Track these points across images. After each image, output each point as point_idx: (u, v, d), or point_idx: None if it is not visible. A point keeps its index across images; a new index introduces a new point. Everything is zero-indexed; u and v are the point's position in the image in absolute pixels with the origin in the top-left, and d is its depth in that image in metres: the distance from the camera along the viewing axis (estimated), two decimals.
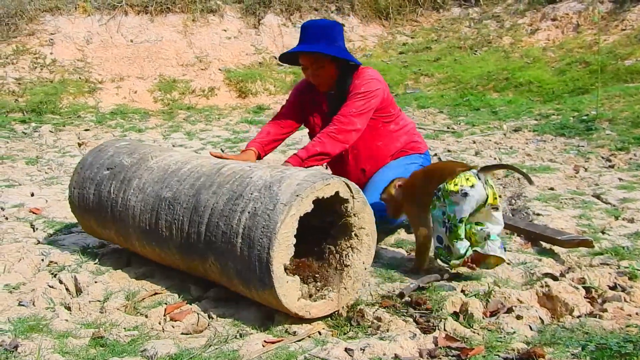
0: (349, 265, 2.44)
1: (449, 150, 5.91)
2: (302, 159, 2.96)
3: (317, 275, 2.50)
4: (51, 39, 11.32)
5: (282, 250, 2.14)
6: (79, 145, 7.05)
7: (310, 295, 2.38)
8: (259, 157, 3.27)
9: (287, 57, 3.29)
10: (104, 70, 10.81)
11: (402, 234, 3.38)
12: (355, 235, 2.44)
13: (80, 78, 10.36)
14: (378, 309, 2.36)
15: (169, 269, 2.81)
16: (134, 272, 2.86)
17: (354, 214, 2.38)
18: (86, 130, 8.11)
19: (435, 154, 5.69)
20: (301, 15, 12.71)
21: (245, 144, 3.67)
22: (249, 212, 2.21)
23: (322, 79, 3.18)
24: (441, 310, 2.32)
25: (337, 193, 2.28)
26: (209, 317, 2.40)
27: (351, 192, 2.33)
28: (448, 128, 7.27)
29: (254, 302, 2.40)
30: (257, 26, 12.47)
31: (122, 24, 11.96)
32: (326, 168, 3.78)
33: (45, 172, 5.55)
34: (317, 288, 2.44)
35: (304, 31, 3.14)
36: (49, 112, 8.98)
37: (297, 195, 2.15)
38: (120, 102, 9.92)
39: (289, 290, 2.19)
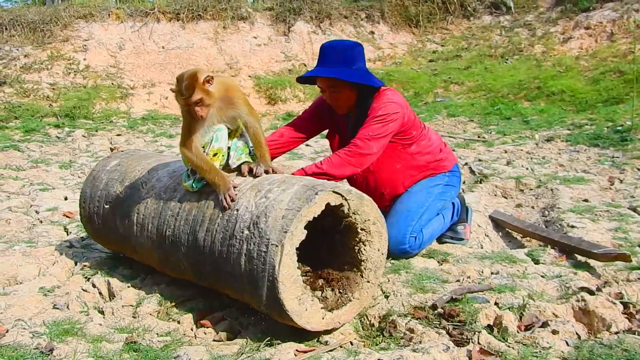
0: (365, 259, 2.42)
1: (480, 160, 5.85)
2: (306, 174, 2.83)
3: (335, 279, 2.48)
4: (85, 45, 11.53)
5: (291, 285, 2.11)
6: (111, 150, 7.14)
7: (336, 302, 2.36)
8: None
9: (305, 78, 3.17)
10: (135, 76, 10.96)
11: (433, 244, 3.35)
12: (362, 229, 2.39)
13: (112, 84, 10.52)
14: (410, 320, 2.34)
15: None
16: (165, 278, 2.88)
17: (353, 213, 2.33)
18: (118, 135, 8.22)
19: (466, 163, 5.64)
20: (331, 22, 12.75)
21: None
22: (245, 255, 2.16)
23: (340, 102, 3.08)
24: (474, 322, 2.29)
25: (327, 204, 2.21)
26: (240, 324, 2.40)
27: (342, 196, 2.26)
28: (479, 137, 7.20)
29: None
30: (287, 33, 12.54)
31: (154, 31, 12.12)
32: None
33: (79, 177, 5.63)
34: (340, 290, 2.42)
35: (323, 53, 3.04)
36: (82, 117, 9.12)
37: (286, 232, 2.08)
38: (151, 107, 10.05)
39: (311, 316, 2.18)
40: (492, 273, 2.85)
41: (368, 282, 2.38)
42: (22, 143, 7.37)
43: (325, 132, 3.44)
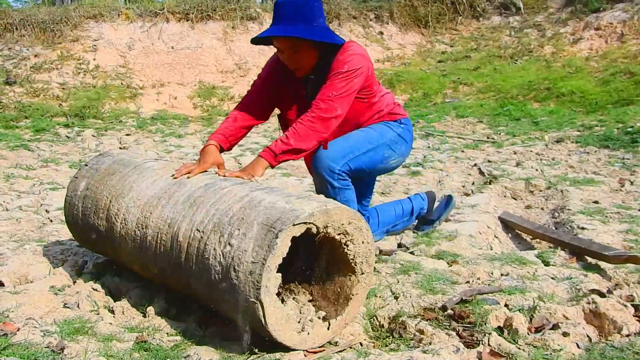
0: (352, 256, 2.27)
1: (489, 161, 5.83)
2: (275, 154, 2.63)
3: (328, 282, 2.40)
4: (94, 45, 11.57)
5: (284, 325, 2.03)
6: (121, 149, 7.17)
7: (335, 305, 2.33)
8: (223, 151, 2.86)
9: (261, 39, 2.81)
10: (145, 76, 11.00)
11: (442, 244, 3.34)
12: (339, 234, 2.21)
13: (122, 84, 10.56)
14: (420, 321, 2.33)
15: None
16: None
17: (324, 228, 2.14)
18: (127, 135, 8.24)
19: (475, 164, 5.62)
20: (340, 23, 12.75)
21: None
22: (232, 304, 2.07)
23: (301, 63, 2.79)
24: (485, 324, 2.28)
25: (293, 238, 2.04)
26: None
27: (305, 223, 2.06)
28: (488, 138, 7.18)
29: None
30: None
31: (163, 31, 12.16)
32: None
33: None
34: (337, 291, 2.36)
35: (278, 9, 2.70)
36: (91, 116, 9.16)
37: (259, 288, 1.96)
38: (160, 107, 10.08)
39: (316, 336, 2.16)
40: (502, 275, 2.84)
41: (362, 274, 2.31)
42: (32, 142, 7.40)
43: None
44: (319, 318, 2.22)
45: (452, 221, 3.80)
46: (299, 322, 2.13)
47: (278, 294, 2.06)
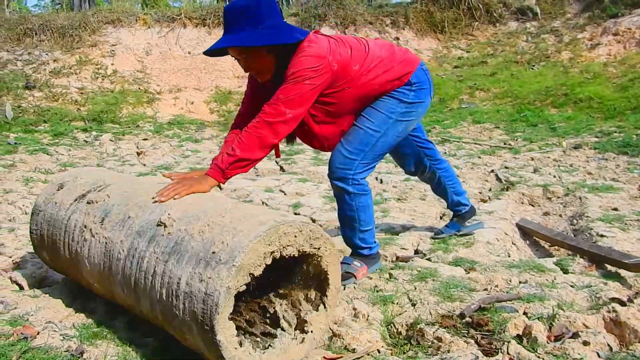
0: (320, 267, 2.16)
1: (506, 167, 5.80)
2: (221, 170, 2.46)
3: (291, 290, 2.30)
4: (112, 51, 11.69)
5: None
6: (138, 154, 7.22)
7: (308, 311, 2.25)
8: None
9: (214, 51, 2.63)
10: (162, 81, 11.09)
11: (460, 251, 3.33)
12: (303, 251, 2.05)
13: (139, 88, 10.65)
14: (438, 328, 2.32)
15: None
16: None
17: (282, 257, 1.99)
18: (144, 139, 8.31)
19: (492, 170, 5.59)
20: (356, 28, 12.77)
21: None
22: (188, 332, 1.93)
23: (258, 69, 2.63)
24: (503, 332, 2.27)
25: (252, 275, 1.89)
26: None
27: (250, 275, 1.89)
28: (505, 144, 7.15)
29: None
30: None
31: (180, 36, 12.25)
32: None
33: None
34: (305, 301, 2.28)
35: (224, 17, 2.56)
36: (109, 121, 9.25)
37: (215, 344, 1.81)
38: (177, 112, 10.15)
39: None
40: (520, 282, 2.82)
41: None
42: (50, 147, 7.48)
43: None
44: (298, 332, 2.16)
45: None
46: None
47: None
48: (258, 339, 2.19)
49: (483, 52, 12.13)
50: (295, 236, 1.96)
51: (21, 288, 2.89)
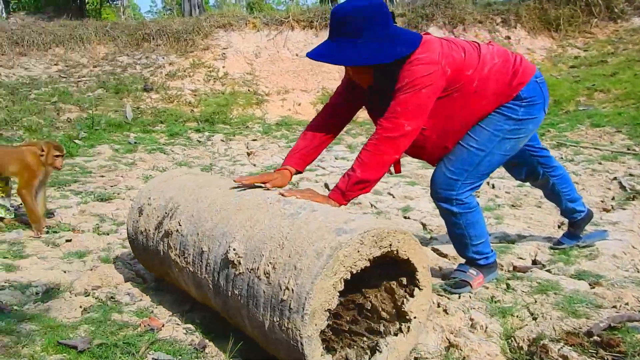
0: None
1: (631, 174, 5.42)
2: (342, 192, 2.40)
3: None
4: (224, 54, 12.09)
5: None
6: (248, 154, 7.41)
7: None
8: (299, 172, 2.71)
9: None
10: (270, 83, 11.33)
11: (582, 263, 3.14)
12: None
13: (249, 90, 10.94)
14: (563, 346, 2.19)
15: None
16: None
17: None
18: (254, 140, 8.51)
19: (615, 178, 5.25)
20: (465, 28, 12.47)
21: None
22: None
23: (357, 78, 2.57)
24: (637, 355, 2.10)
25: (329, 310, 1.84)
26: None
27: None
28: (628, 149, 6.69)
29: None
30: None
31: (288, 39, 12.47)
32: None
33: None
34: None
35: (330, 21, 2.45)
36: (220, 122, 9.56)
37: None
38: (284, 113, 10.33)
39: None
40: None
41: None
42: (167, 146, 7.84)
43: None
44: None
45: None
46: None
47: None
48: (364, 345, 2.16)
49: (602, 51, 11.45)
50: (359, 251, 1.86)
51: (145, 281, 3.02)
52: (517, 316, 2.47)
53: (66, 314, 2.53)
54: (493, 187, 5.25)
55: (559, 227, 4.03)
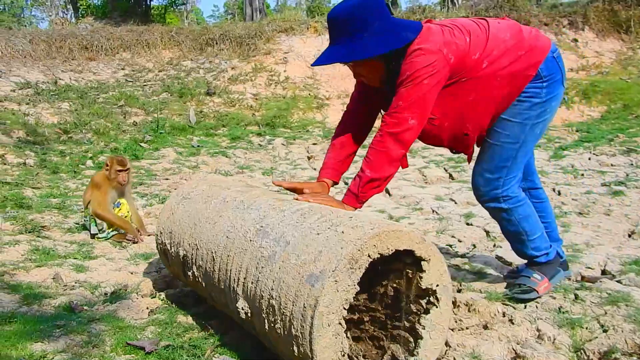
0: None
1: None
2: (355, 195, 2.38)
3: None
4: (285, 58, 12.22)
5: None
6: (308, 158, 7.46)
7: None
8: (335, 183, 2.70)
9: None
10: (330, 87, 11.38)
11: None
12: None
13: (309, 94, 11.02)
14: None
15: None
16: None
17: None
18: (314, 144, 8.56)
19: None
20: None
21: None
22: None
23: (367, 76, 2.51)
24: None
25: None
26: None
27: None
28: None
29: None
30: None
31: None
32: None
33: None
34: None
35: (329, 26, 2.40)
36: (281, 126, 9.66)
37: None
38: None
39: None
40: None
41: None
42: (229, 149, 7.98)
43: None
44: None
45: None
46: None
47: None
48: (405, 335, 2.12)
49: None
50: (337, 290, 1.75)
51: None
52: (587, 328, 2.40)
53: (134, 315, 2.61)
54: (559, 193, 5.11)
55: (629, 235, 3.89)
